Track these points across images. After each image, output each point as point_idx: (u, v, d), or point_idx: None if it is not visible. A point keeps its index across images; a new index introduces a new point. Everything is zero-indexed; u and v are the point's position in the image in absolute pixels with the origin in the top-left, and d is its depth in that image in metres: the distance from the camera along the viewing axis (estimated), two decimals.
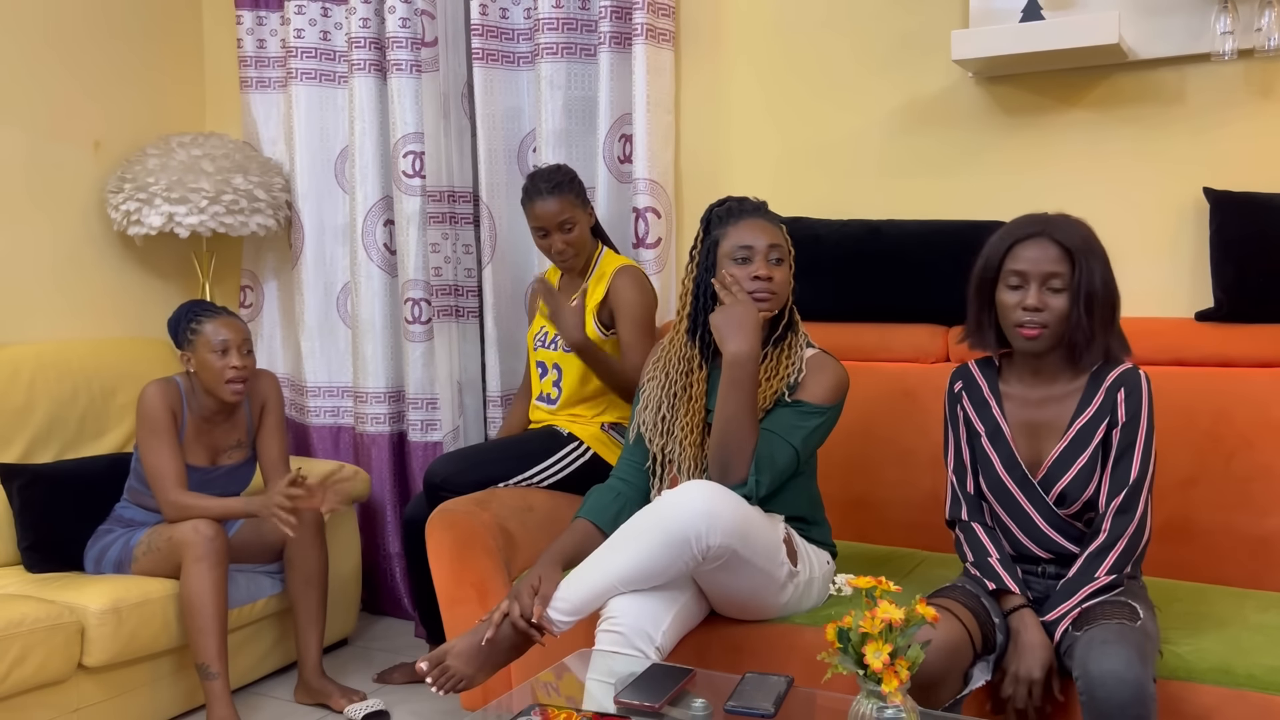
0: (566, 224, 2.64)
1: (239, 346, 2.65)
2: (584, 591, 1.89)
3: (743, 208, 2.12)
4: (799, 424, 2.05)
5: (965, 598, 1.84)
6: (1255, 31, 2.34)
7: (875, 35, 2.80)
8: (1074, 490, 1.85)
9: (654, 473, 2.15)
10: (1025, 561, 1.94)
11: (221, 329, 2.64)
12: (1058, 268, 1.81)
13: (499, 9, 3.12)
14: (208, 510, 2.57)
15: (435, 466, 2.56)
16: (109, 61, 3.46)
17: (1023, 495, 1.89)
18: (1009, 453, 1.91)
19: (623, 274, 2.65)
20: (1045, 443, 1.89)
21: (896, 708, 1.40)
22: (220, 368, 2.63)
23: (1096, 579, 1.79)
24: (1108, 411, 1.84)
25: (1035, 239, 1.84)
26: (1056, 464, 1.86)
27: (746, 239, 2.07)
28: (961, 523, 1.97)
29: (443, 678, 1.85)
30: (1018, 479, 1.90)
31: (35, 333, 3.24)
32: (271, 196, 3.39)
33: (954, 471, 2.00)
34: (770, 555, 1.95)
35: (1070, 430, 1.86)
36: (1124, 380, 1.85)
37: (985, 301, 1.90)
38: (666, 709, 1.61)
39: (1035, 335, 1.82)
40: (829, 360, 2.12)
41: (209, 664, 2.51)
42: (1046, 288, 1.82)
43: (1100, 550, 1.80)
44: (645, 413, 2.17)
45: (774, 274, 2.06)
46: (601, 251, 2.75)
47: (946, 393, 2.04)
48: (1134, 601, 1.77)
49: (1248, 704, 1.71)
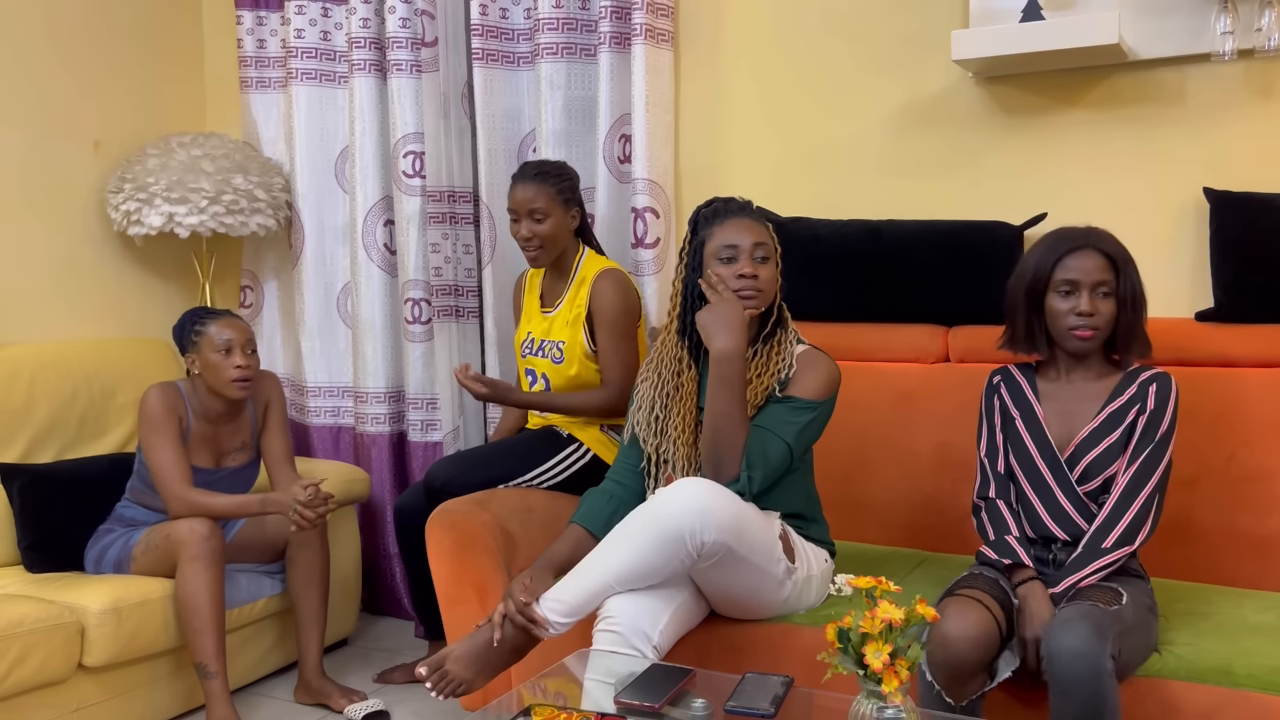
0: (537, 213, 2.61)
1: (243, 346, 2.66)
2: (581, 592, 1.89)
3: (728, 208, 2.13)
4: (791, 419, 2.05)
5: (989, 586, 1.89)
6: (1255, 31, 2.34)
7: (875, 36, 2.80)
8: (1097, 466, 1.95)
9: (649, 473, 2.15)
10: (1040, 546, 2.00)
11: (225, 329, 2.65)
12: (1105, 275, 1.96)
13: (499, 9, 3.12)
14: (216, 506, 2.57)
15: (436, 470, 2.55)
16: (108, 61, 3.46)
17: (1050, 474, 1.99)
18: (1041, 433, 2.02)
19: (602, 278, 2.62)
20: (1077, 423, 2.01)
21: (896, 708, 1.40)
22: (225, 367, 2.63)
23: (1103, 550, 1.87)
24: (1139, 400, 1.97)
25: (1083, 250, 1.98)
26: (1086, 441, 1.97)
27: (731, 238, 2.08)
28: (989, 500, 2.05)
29: (442, 683, 1.85)
30: (1048, 459, 2.00)
31: (35, 333, 3.24)
32: (271, 196, 3.39)
33: (986, 454, 2.09)
34: (766, 552, 1.95)
35: (1103, 412, 1.98)
36: (1157, 379, 1.99)
37: (1035, 308, 2.02)
38: (666, 709, 1.61)
39: (1089, 337, 1.97)
40: (820, 356, 2.13)
41: (207, 664, 2.51)
42: (1096, 294, 1.96)
43: (1111, 517, 1.90)
44: (639, 413, 2.17)
45: (759, 272, 2.07)
46: (584, 254, 2.71)
47: (985, 387, 2.13)
48: (1125, 589, 1.83)
49: (1248, 704, 1.71)
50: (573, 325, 2.63)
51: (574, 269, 2.70)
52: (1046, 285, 2.00)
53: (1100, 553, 1.87)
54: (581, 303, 2.63)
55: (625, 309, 2.61)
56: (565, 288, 2.70)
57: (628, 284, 2.64)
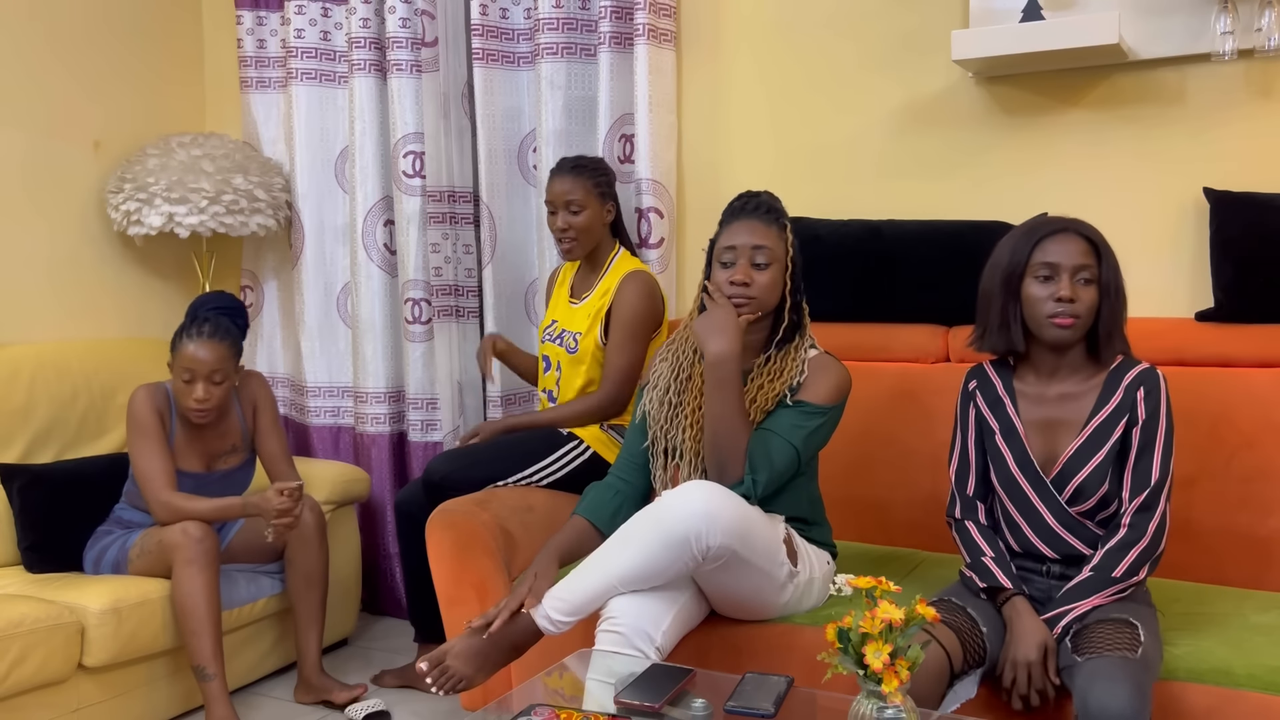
0: (574, 205, 2.65)
1: (207, 376, 2.59)
2: (584, 592, 1.89)
3: (742, 206, 2.10)
4: (800, 424, 2.05)
5: (948, 613, 1.84)
6: (1255, 31, 2.34)
7: (876, 35, 2.80)
8: (1089, 487, 1.85)
9: (653, 455, 2.14)
10: (1031, 560, 1.94)
11: (197, 354, 2.57)
12: (1087, 260, 1.84)
13: (499, 9, 3.12)
14: (198, 511, 2.56)
15: (435, 464, 2.56)
16: (109, 62, 3.46)
17: (1034, 493, 1.90)
18: (1022, 450, 1.92)
19: (629, 279, 2.63)
20: (1061, 439, 1.90)
21: (896, 708, 1.40)
22: (185, 393, 2.61)
23: (1113, 581, 1.78)
24: (1127, 409, 1.85)
25: (1063, 234, 1.86)
26: (1072, 460, 1.87)
27: (733, 240, 2.05)
28: (957, 522, 1.99)
29: (442, 678, 1.85)
30: (1030, 477, 1.90)
31: (35, 333, 3.24)
32: (271, 196, 3.39)
33: (956, 472, 2.01)
34: (770, 555, 1.95)
35: (1088, 427, 1.87)
36: (1143, 379, 1.86)
37: (1012, 296, 1.89)
38: (666, 709, 1.61)
39: (1069, 324, 1.83)
40: (831, 361, 2.11)
41: (205, 665, 2.51)
42: (1077, 279, 1.84)
43: (1121, 546, 1.80)
44: (654, 391, 2.15)
45: (754, 278, 2.03)
46: (618, 253, 2.74)
47: (960, 392, 2.03)
48: (1138, 620, 1.75)
49: (1248, 704, 1.71)
50: (593, 319, 2.64)
51: (606, 265, 2.72)
52: (1024, 271, 1.87)
53: (1110, 582, 1.78)
54: (607, 299, 2.65)
55: (643, 313, 2.61)
56: (595, 282, 2.72)
57: (653, 289, 2.65)
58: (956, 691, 1.78)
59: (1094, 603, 1.78)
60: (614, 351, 2.61)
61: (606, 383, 2.61)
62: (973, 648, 1.82)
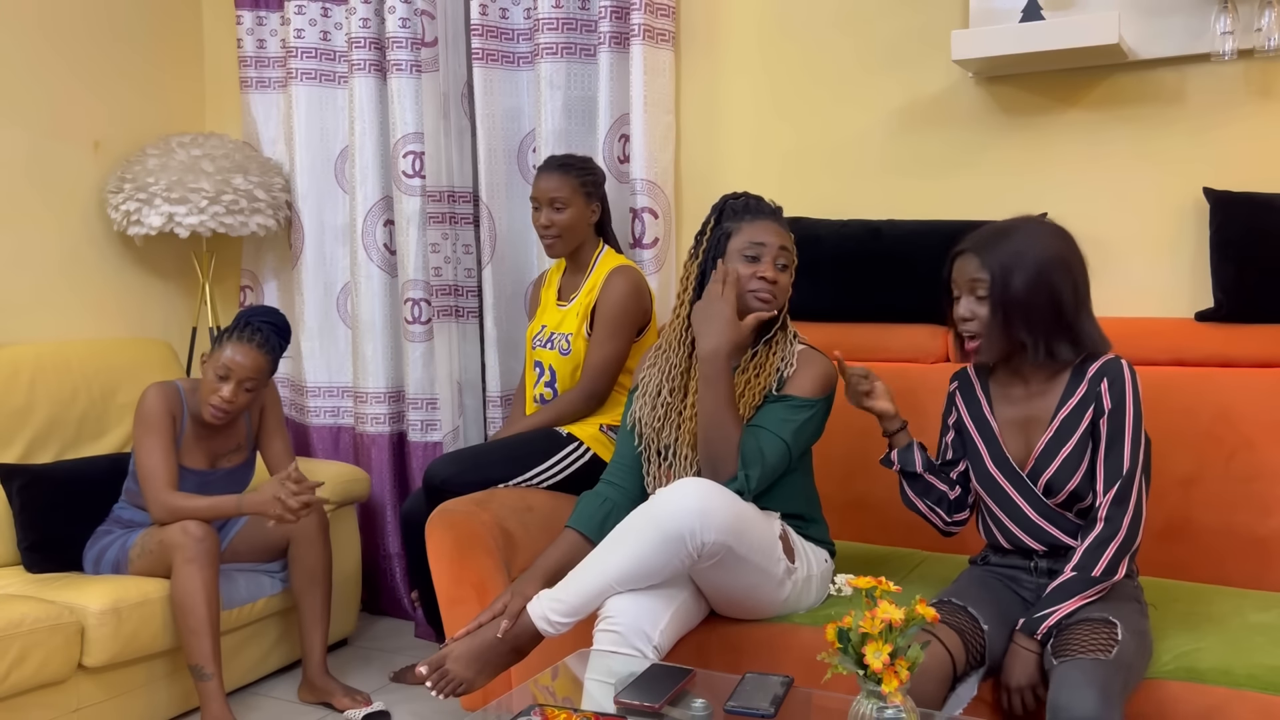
0: (558, 202, 2.65)
1: (241, 380, 2.62)
2: (581, 592, 1.89)
3: (760, 207, 2.14)
4: (789, 418, 2.05)
5: (949, 613, 1.85)
6: (1255, 31, 2.34)
7: (875, 35, 2.80)
8: (1060, 479, 1.88)
9: (647, 459, 2.15)
10: (1019, 555, 1.97)
11: (236, 356, 2.61)
12: (979, 275, 1.87)
13: (499, 9, 3.12)
14: (197, 510, 2.56)
15: (435, 467, 2.55)
16: (109, 61, 3.46)
17: (1013, 488, 1.94)
18: (997, 447, 1.96)
19: (615, 274, 2.63)
20: (1033, 435, 1.93)
21: (896, 708, 1.40)
22: (212, 390, 2.62)
23: (1094, 580, 1.79)
24: (1092, 400, 1.87)
25: (963, 254, 1.91)
26: (1043, 454, 1.90)
27: (760, 237, 2.09)
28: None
29: (442, 682, 1.85)
30: (1007, 473, 1.94)
31: (35, 333, 3.24)
32: (271, 196, 3.39)
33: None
34: (766, 552, 1.95)
35: (1055, 420, 1.90)
36: (1106, 370, 1.87)
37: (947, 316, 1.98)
38: (666, 709, 1.61)
39: (974, 348, 1.91)
40: (815, 354, 2.14)
41: (203, 665, 2.51)
42: (974, 296, 1.89)
43: (1098, 542, 1.82)
44: (643, 398, 2.17)
45: (779, 277, 2.09)
46: (602, 251, 2.74)
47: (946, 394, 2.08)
48: (1117, 618, 1.75)
49: (1248, 704, 1.71)
50: (581, 318, 2.65)
51: (591, 265, 2.71)
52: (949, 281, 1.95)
53: (1091, 582, 1.79)
54: (593, 295, 2.65)
55: (627, 308, 2.61)
56: (582, 281, 2.71)
57: (639, 285, 2.64)
58: (959, 694, 1.79)
59: (1076, 603, 1.79)
60: (595, 345, 2.61)
61: (584, 377, 2.61)
62: (975, 648, 1.82)
